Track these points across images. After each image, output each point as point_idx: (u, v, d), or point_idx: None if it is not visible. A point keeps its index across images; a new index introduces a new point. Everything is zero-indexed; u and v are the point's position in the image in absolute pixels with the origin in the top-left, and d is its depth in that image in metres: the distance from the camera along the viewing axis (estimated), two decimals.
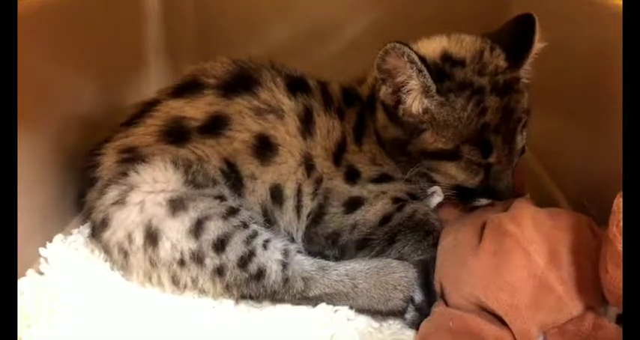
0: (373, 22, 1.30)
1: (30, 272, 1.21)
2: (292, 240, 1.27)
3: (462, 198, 1.26)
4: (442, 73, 1.17)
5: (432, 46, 1.22)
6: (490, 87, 1.16)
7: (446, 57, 1.20)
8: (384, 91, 1.21)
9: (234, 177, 1.23)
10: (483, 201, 1.24)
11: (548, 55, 1.31)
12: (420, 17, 1.29)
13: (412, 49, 1.11)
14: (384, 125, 1.26)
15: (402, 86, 1.17)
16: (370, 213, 1.25)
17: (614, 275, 0.85)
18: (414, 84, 1.16)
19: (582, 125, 1.31)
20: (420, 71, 1.13)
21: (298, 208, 1.27)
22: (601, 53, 1.18)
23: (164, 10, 1.80)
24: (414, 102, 1.18)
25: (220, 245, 1.13)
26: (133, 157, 1.22)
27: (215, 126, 1.24)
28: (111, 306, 1.15)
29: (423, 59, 1.12)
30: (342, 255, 1.26)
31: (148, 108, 1.29)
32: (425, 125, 1.19)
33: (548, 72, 1.42)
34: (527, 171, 1.34)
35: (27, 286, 1.16)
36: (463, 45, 1.21)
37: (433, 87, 1.14)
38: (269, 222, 1.25)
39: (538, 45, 1.20)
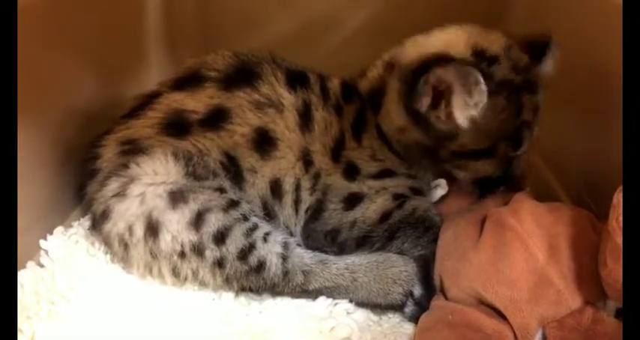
0: (374, 16, 1.29)
1: (30, 264, 1.21)
2: (291, 235, 1.27)
3: (484, 189, 1.27)
4: (482, 74, 1.08)
5: (456, 40, 1.16)
6: (523, 84, 1.16)
7: (479, 53, 1.14)
8: (424, 103, 1.14)
9: (234, 171, 1.22)
10: (501, 189, 1.26)
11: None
12: (422, 10, 1.28)
13: (479, 75, 1.05)
14: (401, 127, 1.22)
15: (448, 99, 1.12)
16: (370, 210, 1.24)
17: (613, 270, 0.85)
18: (462, 99, 1.10)
19: (583, 119, 1.31)
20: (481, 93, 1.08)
21: (296, 203, 1.26)
22: (604, 48, 1.17)
23: (164, 1, 1.79)
24: (459, 113, 1.12)
25: (220, 237, 1.13)
26: (133, 149, 1.22)
27: (216, 119, 1.23)
28: (111, 298, 1.16)
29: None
30: (340, 252, 1.26)
31: (148, 100, 1.28)
32: (456, 129, 1.15)
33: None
34: (527, 165, 1.34)
35: (27, 278, 1.16)
36: (491, 39, 1.17)
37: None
38: (269, 216, 1.25)
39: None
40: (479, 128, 1.14)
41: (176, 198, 1.13)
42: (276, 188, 1.24)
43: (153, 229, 1.13)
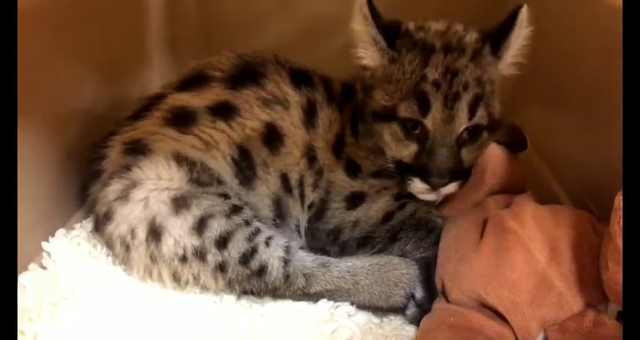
0: None
1: (32, 266, 1.21)
2: (299, 233, 1.28)
3: (399, 174, 1.20)
4: (406, 33, 1.17)
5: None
6: (441, 46, 1.14)
7: (419, 26, 1.21)
8: (357, 55, 1.21)
9: (245, 165, 1.23)
10: (418, 184, 1.14)
11: (551, 52, 1.30)
12: (422, 13, 1.28)
13: (370, 6, 1.12)
14: (362, 102, 1.25)
15: (362, 41, 1.18)
16: (372, 210, 1.25)
17: (614, 272, 0.85)
18: (366, 38, 1.17)
19: (584, 122, 1.31)
20: (369, 25, 1.14)
21: (301, 198, 1.28)
22: (604, 51, 1.17)
23: (166, 4, 1.80)
24: (370, 56, 1.19)
25: (223, 242, 1.13)
26: (135, 148, 1.22)
27: (224, 110, 1.25)
28: (112, 301, 1.16)
29: (376, 15, 1.13)
30: (342, 252, 1.26)
31: (154, 101, 1.29)
32: (376, 82, 1.19)
33: (550, 69, 1.41)
34: (528, 168, 1.34)
35: (29, 280, 1.17)
36: (441, 22, 1.22)
37: (379, 39, 1.15)
38: (280, 215, 1.26)
39: (522, 31, 1.15)
40: (388, 81, 1.16)
41: (179, 204, 1.14)
42: (285, 183, 1.26)
43: (155, 233, 1.13)
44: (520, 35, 1.16)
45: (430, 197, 1.19)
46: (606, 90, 1.15)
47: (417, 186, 1.15)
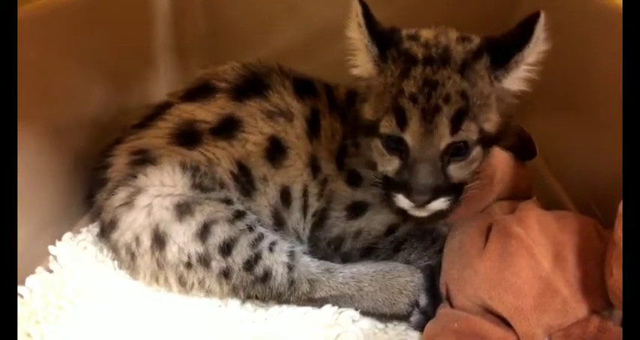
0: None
1: (39, 269, 1.23)
2: (300, 241, 1.28)
3: (386, 190, 1.14)
4: (397, 42, 1.10)
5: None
6: (423, 57, 1.06)
7: (412, 36, 1.13)
8: (351, 64, 1.15)
9: (244, 180, 1.24)
10: (402, 200, 1.08)
11: (558, 59, 1.30)
12: (430, 18, 1.28)
13: (366, 13, 1.06)
14: (357, 113, 1.19)
15: (356, 49, 1.12)
16: (376, 222, 1.24)
17: (619, 279, 0.84)
18: (360, 46, 1.11)
19: (589, 128, 1.31)
20: (363, 33, 1.08)
21: (304, 208, 1.28)
22: (612, 58, 1.17)
23: (173, 12, 1.82)
24: (363, 65, 1.13)
25: (226, 248, 1.14)
26: (143, 159, 1.23)
27: (227, 128, 1.25)
28: (118, 304, 1.17)
29: (372, 23, 1.07)
30: (344, 262, 1.25)
31: (159, 110, 1.30)
32: (368, 94, 1.13)
33: (557, 76, 1.41)
34: (534, 174, 1.34)
35: (36, 283, 1.18)
36: (432, 31, 1.15)
37: (373, 48, 1.08)
38: (279, 223, 1.26)
39: (539, 45, 1.03)
40: (375, 94, 1.10)
41: (182, 210, 1.14)
42: (285, 195, 1.26)
43: (159, 240, 1.14)
44: (536, 49, 1.04)
45: (419, 213, 1.11)
46: (612, 97, 1.15)
47: (402, 202, 1.09)
